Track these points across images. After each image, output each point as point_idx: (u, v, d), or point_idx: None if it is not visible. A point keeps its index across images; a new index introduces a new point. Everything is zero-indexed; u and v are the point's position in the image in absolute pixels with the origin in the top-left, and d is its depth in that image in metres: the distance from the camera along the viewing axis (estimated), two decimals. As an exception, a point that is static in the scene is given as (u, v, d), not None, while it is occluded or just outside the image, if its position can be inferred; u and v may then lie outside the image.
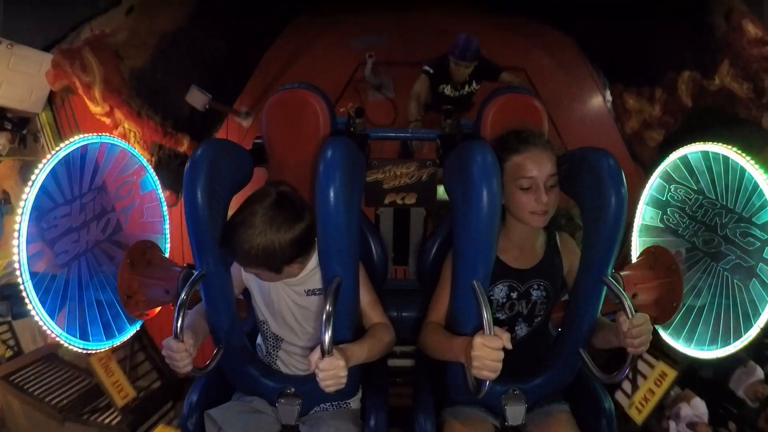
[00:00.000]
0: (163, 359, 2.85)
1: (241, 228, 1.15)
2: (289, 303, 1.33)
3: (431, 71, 2.98)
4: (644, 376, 2.20)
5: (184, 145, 3.36)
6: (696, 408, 2.23)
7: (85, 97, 2.98)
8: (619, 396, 2.30)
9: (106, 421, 2.37)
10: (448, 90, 3.09)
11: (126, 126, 3.20)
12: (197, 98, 3.25)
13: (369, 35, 3.73)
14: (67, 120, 3.40)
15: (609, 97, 3.80)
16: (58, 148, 1.37)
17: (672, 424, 2.24)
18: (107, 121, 3.13)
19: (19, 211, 1.28)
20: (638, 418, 2.17)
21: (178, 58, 3.43)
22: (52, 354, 2.56)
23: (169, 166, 3.42)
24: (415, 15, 3.53)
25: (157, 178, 1.77)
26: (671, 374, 2.10)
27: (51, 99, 3.14)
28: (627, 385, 2.29)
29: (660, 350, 2.11)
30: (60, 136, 3.37)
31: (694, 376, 2.32)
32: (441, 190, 1.45)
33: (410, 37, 3.58)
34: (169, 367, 1.17)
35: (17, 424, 2.34)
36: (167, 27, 3.29)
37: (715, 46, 2.82)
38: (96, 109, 3.05)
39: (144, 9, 3.19)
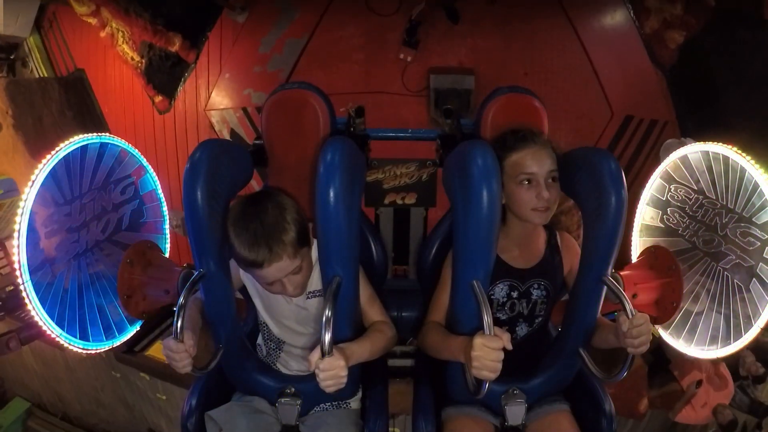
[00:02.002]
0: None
1: (241, 232, 1.14)
2: (290, 306, 1.33)
3: None
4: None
5: (176, 45, 3.24)
6: None
7: (69, -2, 2.82)
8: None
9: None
10: None
11: (114, 25, 3.11)
12: None
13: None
14: (56, 41, 3.36)
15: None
16: (58, 148, 1.37)
17: None
18: (93, 21, 3.02)
19: (19, 211, 1.28)
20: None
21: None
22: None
23: (160, 68, 3.34)
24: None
25: (156, 178, 1.77)
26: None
27: (38, 23, 3.12)
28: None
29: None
30: (49, 58, 3.30)
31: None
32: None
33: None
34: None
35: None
36: None
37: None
38: (81, 9, 2.99)
39: None
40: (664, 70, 3.46)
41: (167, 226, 1.81)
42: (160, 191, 1.78)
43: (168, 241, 1.80)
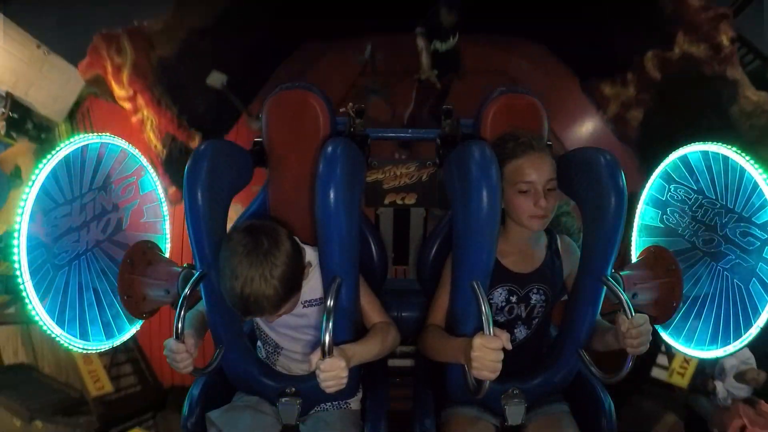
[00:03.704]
0: (148, 367, 2.83)
1: (227, 280, 1.10)
2: (287, 317, 1.32)
3: (424, 30, 3.46)
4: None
5: (195, 142, 3.52)
6: (740, 355, 2.06)
7: (112, 81, 3.17)
8: (657, 372, 2.22)
9: (80, 420, 2.35)
10: (439, 45, 3.52)
11: (144, 113, 3.37)
12: (216, 78, 3.57)
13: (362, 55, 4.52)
14: (86, 131, 3.64)
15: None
16: (58, 148, 1.37)
17: (719, 384, 2.09)
18: (128, 106, 3.28)
19: (20, 211, 1.28)
20: (683, 382, 2.07)
21: (202, 55, 3.74)
22: (29, 366, 2.52)
23: (178, 162, 3.56)
24: (404, 36, 3.74)
25: (156, 178, 1.77)
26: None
27: (72, 113, 3.39)
28: (662, 359, 2.21)
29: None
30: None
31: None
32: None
33: (399, 51, 4.11)
34: (151, 376, 1.15)
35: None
36: (196, 23, 3.66)
37: (667, 22, 3.32)
38: (120, 92, 3.25)
39: (180, 4, 3.55)
40: (632, 146, 3.83)
41: (167, 226, 1.81)
42: (160, 191, 1.78)
43: (168, 241, 1.80)
